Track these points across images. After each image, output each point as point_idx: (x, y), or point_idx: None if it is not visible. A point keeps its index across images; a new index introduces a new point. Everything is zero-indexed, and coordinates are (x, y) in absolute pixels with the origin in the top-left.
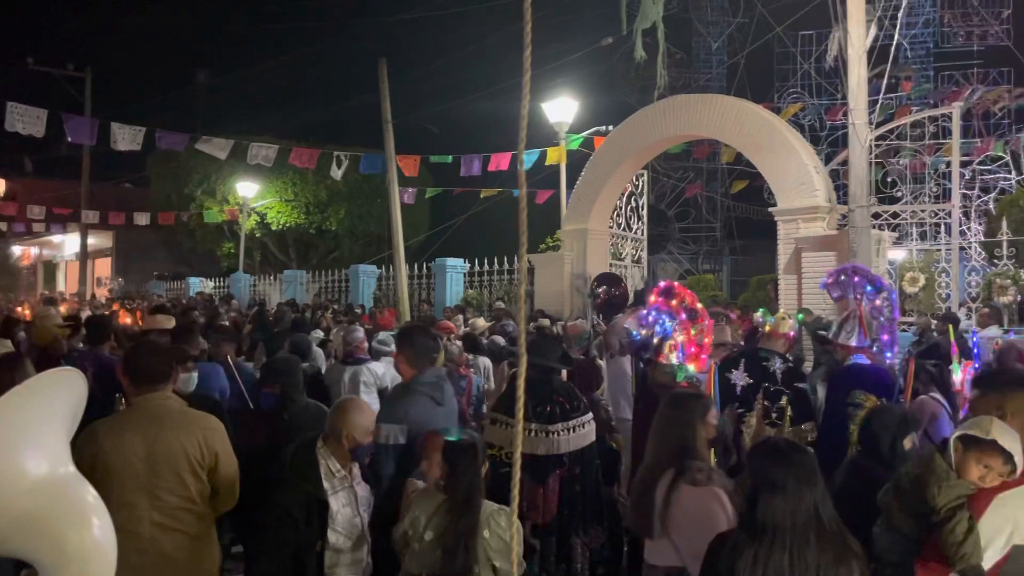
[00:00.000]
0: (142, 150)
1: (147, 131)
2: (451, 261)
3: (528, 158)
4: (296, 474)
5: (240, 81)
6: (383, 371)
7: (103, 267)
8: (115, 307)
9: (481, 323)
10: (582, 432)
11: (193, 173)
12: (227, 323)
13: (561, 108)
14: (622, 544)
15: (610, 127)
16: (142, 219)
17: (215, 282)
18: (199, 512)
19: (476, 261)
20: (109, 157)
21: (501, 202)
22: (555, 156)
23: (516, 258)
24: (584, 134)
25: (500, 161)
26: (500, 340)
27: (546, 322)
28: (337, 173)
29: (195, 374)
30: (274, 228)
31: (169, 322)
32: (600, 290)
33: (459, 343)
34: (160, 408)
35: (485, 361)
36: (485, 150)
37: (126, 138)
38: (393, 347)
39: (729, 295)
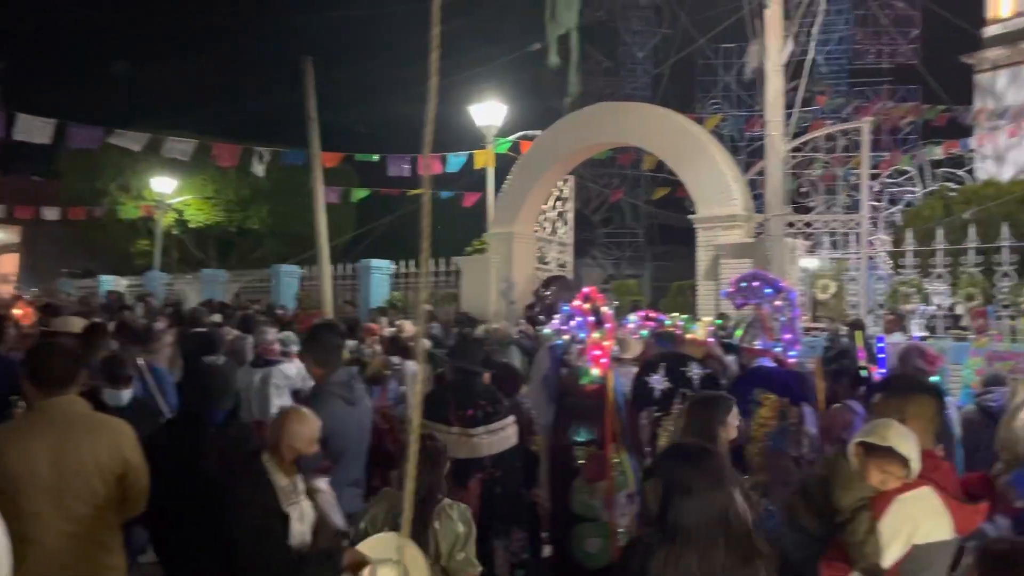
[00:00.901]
0: (53, 142)
1: (59, 124)
2: (376, 262)
3: (455, 161)
4: (253, 489)
5: (159, 75)
6: (295, 372)
7: (8, 263)
8: (19, 305)
9: (408, 326)
10: (503, 435)
11: (107, 167)
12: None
13: (489, 112)
14: (541, 546)
15: (538, 132)
16: (51, 213)
17: (129, 281)
18: (107, 520)
19: (403, 263)
20: (17, 148)
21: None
22: (483, 159)
23: (445, 260)
24: (511, 138)
25: (430, 163)
26: (426, 343)
27: (491, 327)
28: (259, 169)
29: (127, 391)
30: (192, 226)
31: (77, 324)
32: (547, 292)
33: (378, 347)
34: (67, 413)
35: (412, 365)
36: (415, 151)
37: (36, 130)
38: (294, 347)
39: (651, 300)
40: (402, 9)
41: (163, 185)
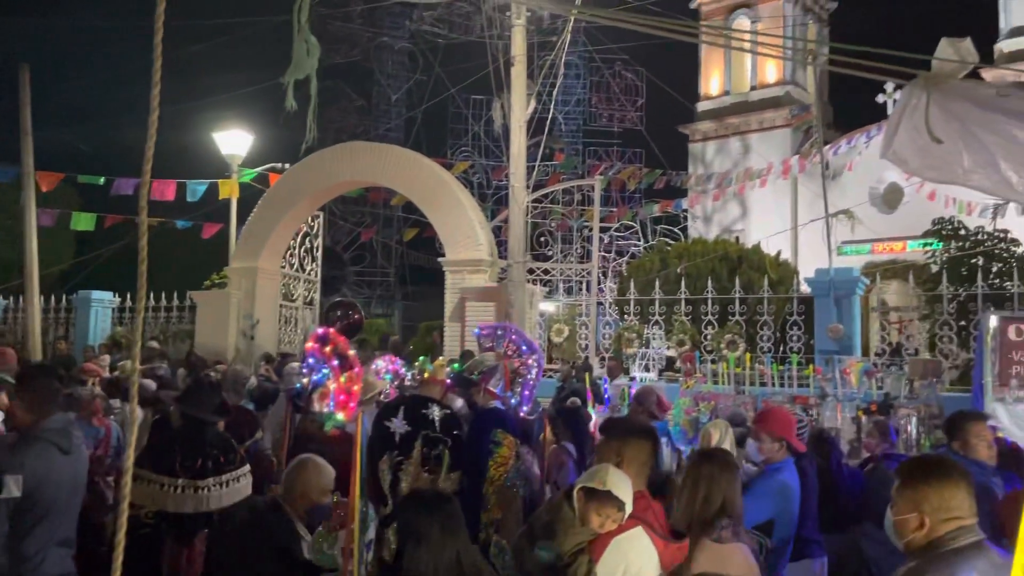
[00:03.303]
0: None
1: None
2: (98, 294)
3: (196, 189)
4: (289, 541)
5: None
6: None
7: None
8: None
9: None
10: (236, 487)
11: None
12: None
13: (234, 140)
14: None
15: (286, 165)
16: None
17: None
18: None
19: (128, 296)
20: None
21: (162, 233)
22: (226, 189)
23: (176, 294)
24: (259, 169)
25: (164, 189)
26: (151, 384)
27: (230, 368)
28: None
29: None
30: None
31: None
32: (336, 316)
33: (97, 388)
34: None
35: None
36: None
37: None
38: None
39: (401, 339)
40: (133, 25)
41: None
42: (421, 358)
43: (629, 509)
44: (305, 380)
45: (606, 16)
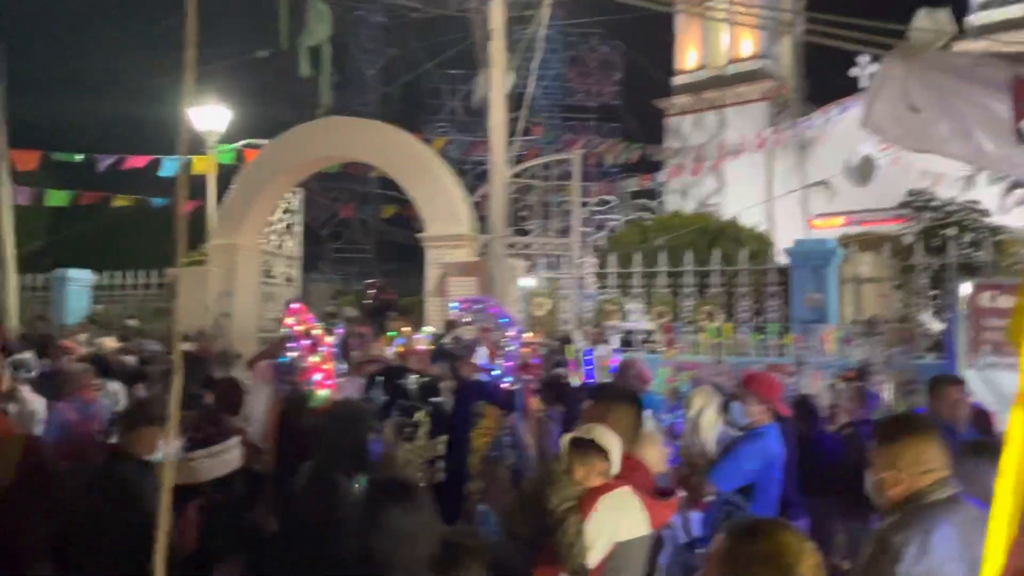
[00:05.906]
0: None
1: None
2: (75, 272)
3: (171, 165)
4: None
5: None
6: None
7: None
8: None
9: (109, 343)
10: (225, 458)
11: None
12: None
13: (211, 116)
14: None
15: (264, 141)
16: None
17: None
18: None
19: (106, 274)
20: None
21: (137, 210)
22: (202, 165)
23: (150, 272)
24: (236, 145)
25: (137, 164)
26: (131, 360)
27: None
28: None
29: None
30: None
31: None
32: (372, 292)
33: (84, 364)
34: None
35: (115, 385)
36: (122, 151)
37: None
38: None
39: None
40: None
41: None
42: (391, 332)
43: (616, 467)
44: (294, 355)
45: None
